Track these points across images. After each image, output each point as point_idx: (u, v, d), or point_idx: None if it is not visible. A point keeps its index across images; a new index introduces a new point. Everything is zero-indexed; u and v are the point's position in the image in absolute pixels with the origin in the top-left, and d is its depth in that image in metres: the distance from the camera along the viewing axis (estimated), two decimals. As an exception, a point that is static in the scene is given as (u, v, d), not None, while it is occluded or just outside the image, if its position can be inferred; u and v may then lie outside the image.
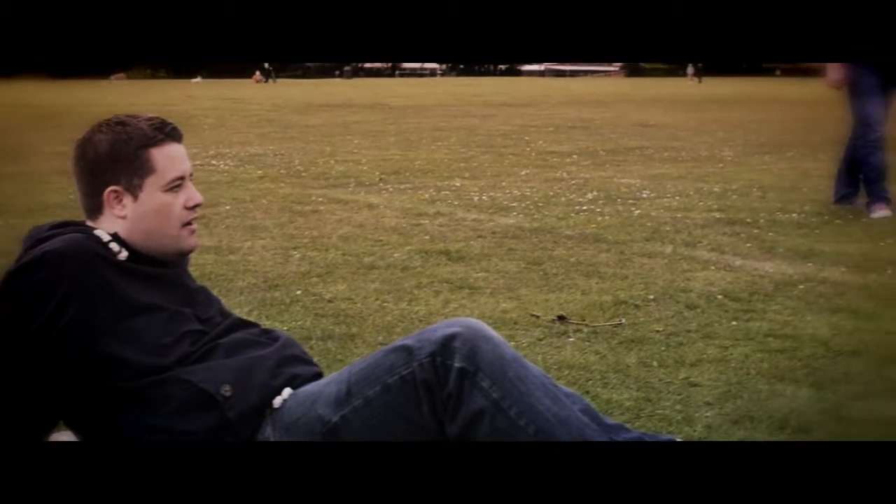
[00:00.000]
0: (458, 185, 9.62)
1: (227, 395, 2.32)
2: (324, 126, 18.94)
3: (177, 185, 2.49)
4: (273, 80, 58.80)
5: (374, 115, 22.73)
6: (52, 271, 2.29)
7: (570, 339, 4.09)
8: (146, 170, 2.46)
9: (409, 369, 2.25)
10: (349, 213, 7.74)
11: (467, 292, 4.94)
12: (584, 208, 7.90)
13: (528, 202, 8.30)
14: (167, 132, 2.51)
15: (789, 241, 6.36)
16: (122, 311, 2.35)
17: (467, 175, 10.48)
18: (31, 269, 2.29)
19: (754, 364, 3.74)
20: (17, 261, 2.35)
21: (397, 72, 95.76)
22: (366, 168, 11.18)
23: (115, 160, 2.46)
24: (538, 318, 4.41)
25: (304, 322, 4.38)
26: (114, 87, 46.59)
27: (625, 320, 4.37)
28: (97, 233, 2.44)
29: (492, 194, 8.83)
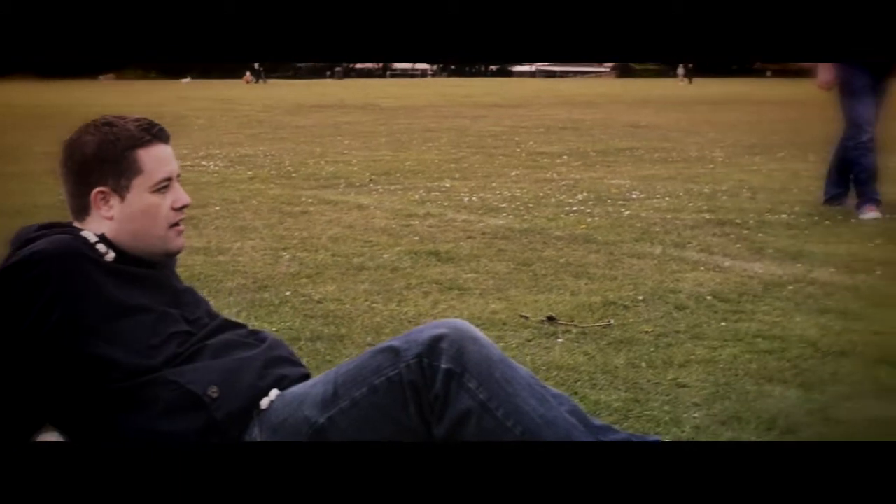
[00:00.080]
0: (448, 185, 9.62)
1: (215, 396, 2.32)
2: (314, 127, 18.92)
3: (164, 185, 2.49)
4: (263, 81, 58.72)
5: (365, 116, 22.71)
6: (40, 272, 2.29)
7: (559, 340, 4.09)
8: (133, 171, 2.46)
9: (395, 370, 2.25)
10: (339, 213, 7.74)
11: (457, 293, 4.94)
12: (574, 209, 7.91)
13: (518, 203, 8.30)
14: (154, 133, 2.51)
15: (779, 242, 6.37)
16: (110, 312, 2.34)
17: (457, 176, 10.48)
18: (18, 270, 2.29)
19: (743, 365, 3.74)
20: (5, 262, 2.35)
21: (388, 72, 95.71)
22: (356, 169, 11.18)
23: (102, 161, 2.45)
24: (527, 318, 4.41)
25: (294, 323, 4.37)
26: (103, 88, 46.48)
27: (614, 321, 4.37)
28: (84, 234, 2.44)
29: (482, 195, 8.83)
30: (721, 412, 3.22)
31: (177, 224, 2.52)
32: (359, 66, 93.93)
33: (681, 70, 63.13)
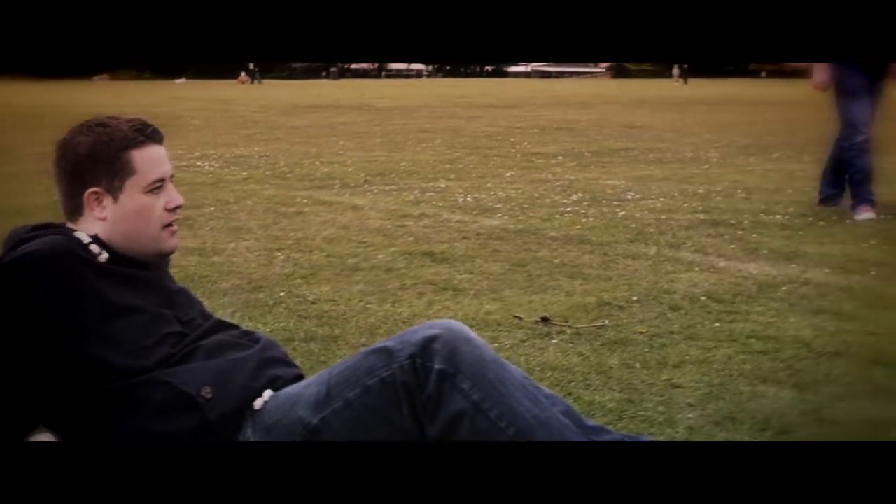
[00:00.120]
0: (443, 186, 9.62)
1: (208, 396, 2.32)
2: (310, 127, 18.91)
3: (157, 186, 2.49)
4: (258, 82, 58.66)
5: (360, 117, 22.70)
6: (33, 273, 2.28)
7: (554, 341, 4.09)
8: (127, 171, 2.46)
9: (389, 371, 2.24)
10: (334, 214, 7.73)
11: (451, 294, 4.94)
12: (569, 210, 7.91)
13: (512, 203, 8.31)
14: (148, 134, 2.50)
15: (773, 243, 6.38)
16: (103, 313, 2.34)
17: (452, 176, 10.48)
18: (11, 271, 2.29)
19: (737, 365, 3.74)
20: (-2, 262, 2.34)
21: (384, 73, 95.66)
22: (351, 169, 11.18)
23: (95, 161, 2.45)
24: (522, 319, 4.41)
25: (288, 324, 4.37)
26: (97, 88, 46.41)
27: (608, 322, 4.37)
28: (77, 234, 2.43)
29: (476, 195, 8.83)
30: (715, 413, 3.23)
31: (170, 225, 2.52)
32: (354, 66, 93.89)
33: (676, 71, 63.15)
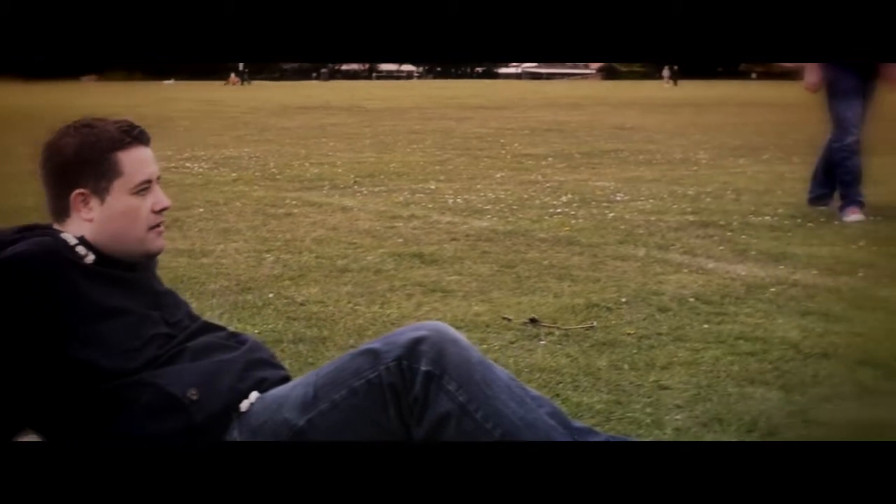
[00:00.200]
0: (432, 187, 9.62)
1: (194, 398, 2.31)
2: (300, 128, 18.89)
3: (144, 188, 2.49)
4: (248, 83, 58.58)
5: (350, 118, 22.69)
6: (19, 275, 2.28)
7: (542, 342, 4.10)
8: (113, 173, 2.46)
9: (375, 373, 2.24)
10: (323, 215, 7.73)
11: (440, 295, 4.94)
12: (558, 211, 7.91)
13: (502, 205, 8.31)
14: (135, 135, 2.50)
15: (762, 244, 6.39)
16: (89, 314, 2.34)
17: (442, 178, 10.48)
18: (-3, 273, 2.28)
19: (725, 367, 3.75)
20: (-17, 264, 2.33)
21: (374, 74, 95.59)
22: (340, 171, 11.17)
23: (82, 163, 2.45)
24: (510, 321, 4.41)
25: (276, 325, 4.37)
26: (85, 89, 46.27)
27: (596, 323, 4.37)
28: (64, 236, 2.43)
29: (466, 197, 8.83)
30: (703, 414, 3.23)
31: (157, 226, 2.52)
32: (344, 67, 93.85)
33: (666, 72, 63.26)
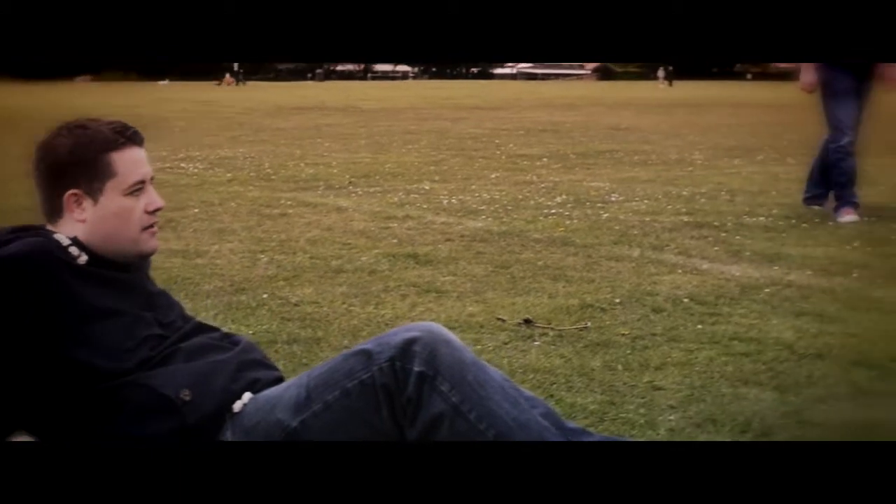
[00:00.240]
0: (427, 188, 9.62)
1: (187, 399, 2.31)
2: (295, 129, 18.89)
3: (137, 189, 2.48)
4: (242, 83, 58.57)
5: (345, 119, 22.69)
6: (12, 275, 2.28)
7: (536, 343, 4.09)
8: (107, 174, 2.45)
9: (368, 373, 2.24)
10: (318, 216, 7.73)
11: (434, 296, 4.94)
12: (553, 212, 7.91)
13: (497, 205, 8.31)
14: (128, 136, 2.50)
15: (756, 245, 6.39)
16: (82, 315, 2.33)
17: (437, 178, 10.48)
18: (-10, 273, 2.28)
19: (718, 367, 3.75)
20: (-24, 265, 2.33)
21: (369, 74, 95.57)
22: (335, 171, 11.17)
23: (75, 163, 2.45)
24: (504, 321, 4.41)
25: (270, 326, 4.36)
26: (79, 90, 46.21)
27: (590, 324, 4.37)
28: (57, 237, 2.43)
29: (461, 197, 8.83)
30: (696, 415, 3.23)
31: (150, 226, 2.52)
32: (339, 67, 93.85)
33: (661, 73, 63.36)
